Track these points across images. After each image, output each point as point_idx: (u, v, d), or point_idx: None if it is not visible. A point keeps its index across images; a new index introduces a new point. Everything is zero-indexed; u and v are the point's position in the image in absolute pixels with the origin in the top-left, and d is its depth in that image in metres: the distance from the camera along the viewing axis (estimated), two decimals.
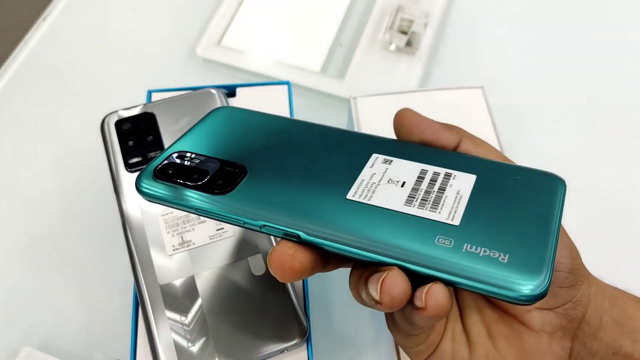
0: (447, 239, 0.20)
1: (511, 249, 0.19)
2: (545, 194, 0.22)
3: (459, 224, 0.20)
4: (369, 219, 0.21)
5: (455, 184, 0.22)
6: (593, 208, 0.43)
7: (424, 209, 0.21)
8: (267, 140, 0.25)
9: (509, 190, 0.22)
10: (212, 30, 0.52)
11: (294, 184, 0.23)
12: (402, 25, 0.51)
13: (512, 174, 0.23)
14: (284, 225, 0.21)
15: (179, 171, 0.24)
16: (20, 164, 0.46)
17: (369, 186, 0.22)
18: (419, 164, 0.23)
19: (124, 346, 0.32)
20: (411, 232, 0.20)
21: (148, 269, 0.31)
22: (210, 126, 0.27)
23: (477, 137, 0.24)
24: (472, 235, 0.20)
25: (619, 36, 0.53)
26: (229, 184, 0.23)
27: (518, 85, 0.50)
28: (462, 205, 0.21)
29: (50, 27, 0.53)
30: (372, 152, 0.24)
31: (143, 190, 0.23)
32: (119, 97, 0.48)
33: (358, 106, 0.39)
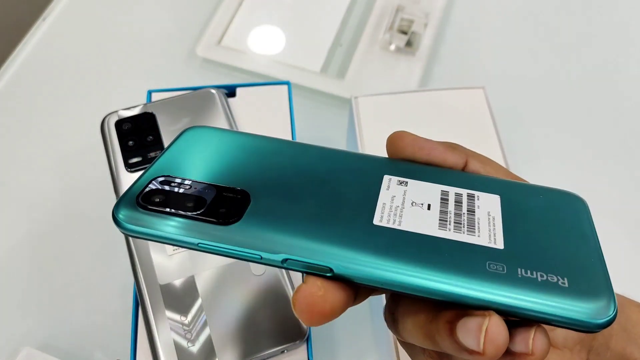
0: (498, 265, 0.18)
1: (566, 272, 0.18)
2: (575, 214, 0.21)
3: (503, 247, 0.18)
4: (409, 246, 0.18)
5: (482, 205, 0.20)
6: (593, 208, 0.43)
7: (460, 232, 0.19)
8: (260, 165, 0.22)
9: (536, 211, 0.21)
10: (212, 30, 0.52)
11: (309, 211, 0.20)
12: (402, 25, 0.51)
13: (532, 193, 0.22)
14: (312, 258, 0.18)
15: (169, 199, 0.20)
16: (20, 164, 0.46)
17: (394, 210, 0.20)
18: (437, 184, 0.21)
19: (124, 346, 0.32)
20: (461, 260, 0.18)
21: (148, 269, 0.31)
22: (187, 148, 0.23)
23: (483, 156, 0.23)
24: (520, 258, 0.18)
25: (620, 36, 0.53)
26: (234, 213, 0.19)
27: (518, 86, 0.50)
28: (499, 226, 0.19)
29: (50, 27, 0.53)
30: (382, 174, 0.22)
31: (124, 224, 0.19)
32: (119, 97, 0.48)
33: (359, 106, 0.39)
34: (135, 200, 0.19)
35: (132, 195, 0.20)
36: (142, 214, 0.19)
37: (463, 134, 0.38)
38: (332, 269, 0.18)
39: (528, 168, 0.45)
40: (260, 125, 0.37)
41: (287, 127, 0.37)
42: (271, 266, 0.19)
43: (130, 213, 0.19)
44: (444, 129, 0.38)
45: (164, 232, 0.19)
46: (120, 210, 0.19)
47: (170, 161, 0.22)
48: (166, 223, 0.19)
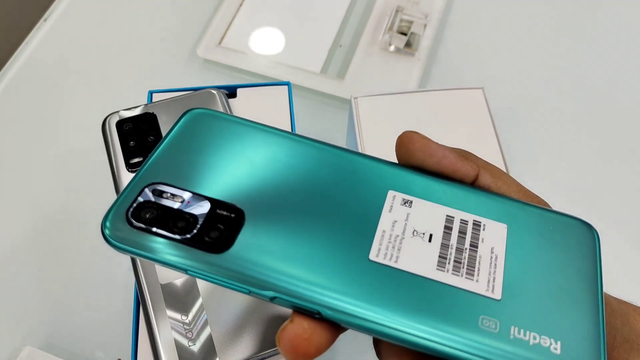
0: (491, 321, 0.17)
1: (560, 335, 0.17)
2: (583, 250, 0.19)
3: (501, 297, 0.18)
4: (402, 292, 0.17)
5: (487, 237, 0.19)
6: (594, 209, 0.44)
7: (459, 274, 0.18)
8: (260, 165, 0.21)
9: (542, 246, 0.19)
10: (212, 31, 0.52)
11: (304, 237, 0.19)
12: (401, 26, 0.51)
13: (542, 221, 0.20)
14: (300, 299, 0.17)
15: (159, 216, 0.19)
16: (21, 164, 0.46)
17: (393, 241, 0.19)
18: (443, 207, 0.20)
19: (125, 345, 0.32)
20: (454, 313, 0.17)
21: (149, 268, 0.31)
22: (185, 139, 0.21)
23: (495, 168, 0.22)
24: (516, 313, 0.17)
25: (620, 36, 0.53)
26: (226, 239, 0.18)
27: (517, 86, 0.50)
28: (500, 269, 0.18)
29: (51, 28, 0.54)
30: (387, 188, 0.21)
31: (113, 242, 0.18)
32: (120, 97, 0.49)
33: (359, 106, 0.39)
34: (125, 215, 0.19)
35: (122, 206, 0.19)
36: (131, 232, 0.18)
37: (462, 134, 0.38)
38: (319, 312, 0.17)
39: (527, 168, 0.45)
40: None
41: (288, 127, 0.37)
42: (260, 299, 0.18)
43: (118, 230, 0.18)
44: (443, 130, 0.38)
45: (153, 255, 0.18)
46: (109, 226, 0.18)
47: (166, 159, 0.21)
48: (155, 245, 0.18)
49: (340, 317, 0.17)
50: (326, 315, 0.17)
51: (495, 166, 0.23)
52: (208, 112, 0.23)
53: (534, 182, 0.44)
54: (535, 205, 0.21)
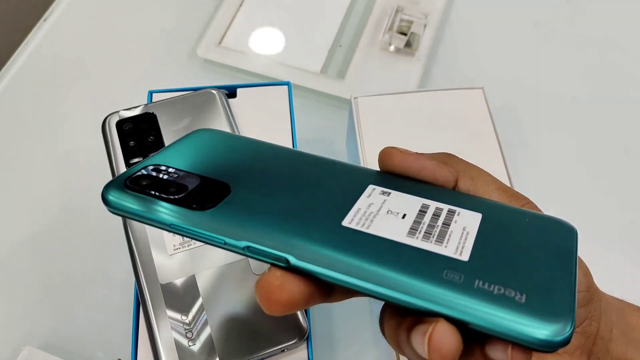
0: (455, 274, 0.17)
1: (527, 289, 0.17)
2: (559, 239, 0.20)
3: (468, 259, 0.18)
4: (369, 248, 0.18)
5: (460, 220, 0.20)
6: (594, 209, 0.44)
7: (428, 241, 0.19)
8: (251, 164, 0.23)
9: (518, 232, 0.20)
10: (212, 31, 0.52)
11: (283, 206, 0.20)
12: (401, 26, 0.51)
13: (519, 217, 0.21)
14: (270, 247, 0.19)
15: (154, 183, 0.21)
16: (21, 164, 0.46)
17: (367, 215, 0.20)
18: (419, 198, 0.21)
19: (125, 345, 0.32)
20: (417, 266, 0.18)
21: (149, 268, 0.31)
22: (190, 145, 0.24)
23: (475, 169, 0.23)
24: (482, 271, 0.18)
25: (620, 37, 0.53)
26: (209, 201, 0.20)
27: (517, 86, 0.50)
28: (470, 241, 0.19)
29: (51, 27, 0.54)
30: (368, 183, 0.22)
31: (110, 200, 0.20)
32: (120, 97, 0.49)
33: (359, 106, 0.39)
34: (124, 182, 0.21)
35: (122, 177, 0.21)
36: (127, 194, 0.20)
37: (462, 134, 0.38)
38: (287, 260, 0.18)
39: (526, 168, 0.45)
40: (260, 125, 0.37)
41: (288, 127, 0.37)
42: (237, 253, 0.19)
43: (117, 192, 0.20)
44: (443, 129, 0.38)
45: (143, 211, 0.20)
46: (110, 189, 0.21)
47: (167, 155, 0.23)
48: (147, 203, 0.20)
49: (307, 265, 0.18)
50: (294, 263, 0.18)
51: (475, 167, 0.23)
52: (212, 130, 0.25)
53: (533, 182, 0.44)
54: (516, 207, 0.22)
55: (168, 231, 0.20)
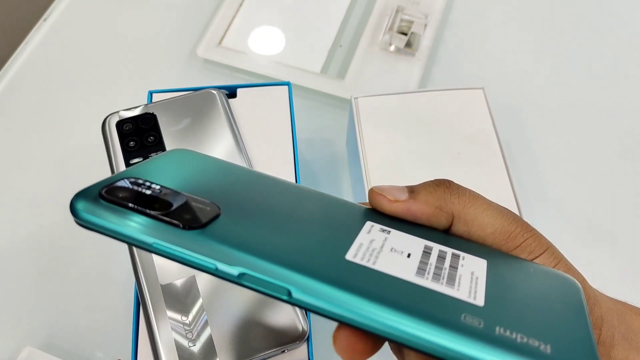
0: (474, 319, 0.16)
1: (550, 339, 0.16)
2: (566, 291, 0.19)
3: (483, 304, 0.17)
4: (379, 285, 0.17)
5: (466, 264, 0.19)
6: (594, 209, 0.44)
7: (438, 283, 0.17)
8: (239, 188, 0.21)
9: (526, 281, 0.19)
10: (212, 31, 0.52)
11: (279, 235, 0.18)
12: (401, 26, 0.51)
13: (523, 267, 0.20)
14: (269, 276, 0.16)
15: (134, 196, 0.18)
16: (21, 164, 0.46)
17: (371, 251, 0.18)
18: (421, 239, 0.20)
19: (125, 346, 0.32)
20: (433, 308, 0.16)
21: (149, 268, 0.31)
22: (170, 163, 0.21)
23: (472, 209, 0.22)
24: (500, 318, 0.16)
25: (620, 36, 0.53)
26: (198, 220, 0.17)
27: (517, 86, 0.50)
28: (481, 286, 0.18)
29: (51, 27, 0.54)
30: (366, 220, 0.20)
31: (79, 210, 0.17)
32: (120, 97, 0.49)
33: (359, 106, 0.39)
34: (99, 192, 0.18)
35: (97, 186, 0.18)
36: (101, 206, 0.17)
37: (462, 134, 0.38)
38: (289, 292, 0.16)
39: (527, 167, 0.45)
40: (260, 125, 0.37)
41: (288, 127, 0.37)
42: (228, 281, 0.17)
43: (89, 203, 0.17)
44: (443, 129, 0.38)
45: (119, 227, 0.17)
46: (80, 199, 0.17)
47: (147, 170, 0.20)
48: (124, 218, 0.17)
49: (310, 301, 0.16)
50: (296, 297, 0.16)
51: (472, 205, 0.22)
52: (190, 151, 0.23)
53: (533, 182, 0.44)
54: (520, 258, 0.21)
55: (148, 251, 0.17)
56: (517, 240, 0.21)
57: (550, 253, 0.22)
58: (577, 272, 0.22)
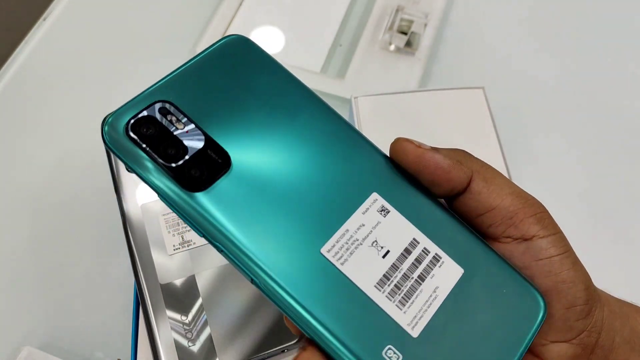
0: (396, 354, 0.18)
1: None
2: (522, 320, 0.20)
3: (418, 336, 0.18)
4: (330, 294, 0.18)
5: (437, 274, 0.19)
6: (593, 210, 0.44)
7: (392, 300, 0.18)
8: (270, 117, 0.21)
9: (485, 304, 0.20)
10: (212, 30, 0.52)
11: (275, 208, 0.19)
12: (401, 26, 0.51)
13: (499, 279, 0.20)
14: (240, 262, 0.18)
15: (155, 136, 0.19)
16: (20, 164, 0.46)
17: (350, 243, 0.19)
18: (414, 228, 0.20)
19: (125, 346, 0.32)
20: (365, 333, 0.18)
21: (149, 268, 0.31)
22: (215, 63, 0.22)
23: (490, 170, 0.22)
24: (421, 355, 0.18)
25: (621, 37, 0.53)
26: (204, 181, 0.19)
27: (518, 86, 0.50)
28: (432, 310, 0.19)
29: (51, 27, 0.54)
30: (373, 189, 0.20)
31: (108, 142, 0.19)
32: (119, 97, 0.48)
33: (359, 106, 0.39)
34: (127, 124, 0.19)
35: (127, 114, 0.19)
36: (126, 140, 0.19)
37: (462, 134, 0.38)
38: (252, 280, 0.18)
39: (527, 168, 0.45)
40: None
41: None
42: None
43: (116, 135, 0.19)
44: (443, 129, 0.38)
45: (136, 167, 0.19)
46: (110, 127, 0.19)
47: (189, 77, 0.21)
48: (141, 161, 0.19)
49: (267, 293, 0.18)
50: (257, 284, 0.18)
51: (490, 168, 0.22)
52: (247, 42, 0.23)
53: (533, 182, 0.44)
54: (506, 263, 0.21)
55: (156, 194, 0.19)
56: (534, 208, 0.21)
57: (562, 239, 0.22)
58: (582, 270, 0.22)
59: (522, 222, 0.21)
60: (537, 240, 0.21)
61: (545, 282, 0.21)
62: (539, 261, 0.21)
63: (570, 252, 0.21)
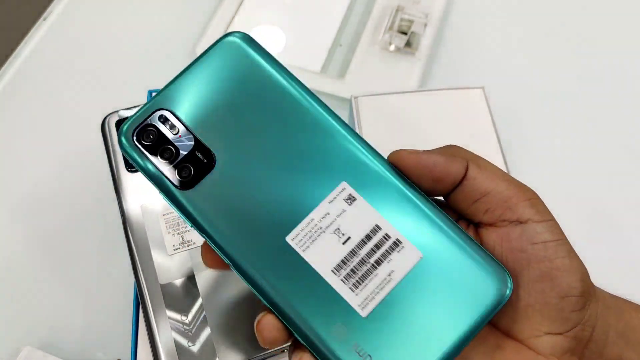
0: (342, 330, 0.20)
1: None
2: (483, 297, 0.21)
3: (367, 316, 0.20)
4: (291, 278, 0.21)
5: (395, 259, 0.21)
6: (593, 210, 0.44)
7: (347, 283, 0.21)
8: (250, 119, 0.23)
9: (443, 284, 0.21)
10: (212, 30, 0.52)
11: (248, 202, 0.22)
12: (401, 26, 0.51)
13: (462, 261, 0.21)
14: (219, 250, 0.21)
15: (156, 141, 0.22)
16: (20, 163, 0.46)
17: (313, 231, 0.21)
18: (378, 216, 0.21)
19: (125, 346, 0.32)
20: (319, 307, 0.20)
21: (149, 268, 0.31)
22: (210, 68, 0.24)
23: (483, 160, 0.23)
24: (368, 335, 0.20)
25: (621, 37, 0.53)
26: (191, 181, 0.22)
27: (518, 86, 0.50)
28: (384, 292, 0.20)
29: (51, 27, 0.54)
30: (343, 179, 0.22)
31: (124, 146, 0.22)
32: (119, 96, 0.48)
33: (359, 105, 0.39)
34: (133, 132, 0.22)
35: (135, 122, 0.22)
36: (134, 146, 0.22)
37: (462, 134, 0.38)
38: (230, 265, 0.21)
39: (527, 168, 0.45)
40: None
41: None
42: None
43: (128, 140, 0.22)
44: (443, 129, 0.38)
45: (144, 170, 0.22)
46: (124, 133, 0.22)
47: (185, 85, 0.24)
48: (145, 163, 0.22)
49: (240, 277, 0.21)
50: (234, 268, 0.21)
51: (482, 158, 0.23)
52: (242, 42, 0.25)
53: (534, 182, 0.44)
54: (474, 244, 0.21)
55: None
56: (528, 194, 0.22)
57: (556, 226, 0.22)
58: (578, 260, 0.22)
59: (517, 206, 0.22)
60: (532, 224, 0.21)
61: (540, 267, 0.21)
62: (534, 245, 0.21)
63: (565, 241, 0.22)
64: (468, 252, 0.21)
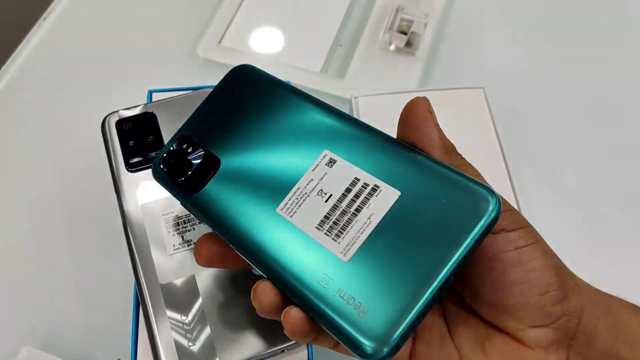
0: (328, 278, 0.21)
1: (376, 303, 0.20)
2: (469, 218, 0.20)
3: (349, 260, 0.21)
4: (282, 239, 0.22)
5: (373, 203, 0.21)
6: (595, 210, 0.44)
7: (330, 235, 0.22)
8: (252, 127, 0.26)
9: (424, 215, 0.21)
10: (212, 30, 0.52)
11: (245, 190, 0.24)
12: (401, 26, 0.51)
13: (441, 190, 0.21)
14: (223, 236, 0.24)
15: (175, 164, 0.26)
16: (21, 163, 0.46)
17: (299, 197, 0.23)
18: (357, 169, 0.22)
19: (125, 345, 0.32)
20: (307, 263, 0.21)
21: (149, 268, 0.31)
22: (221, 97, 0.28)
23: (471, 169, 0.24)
24: (351, 279, 0.20)
25: (621, 37, 0.53)
26: (199, 184, 0.25)
27: (518, 86, 0.50)
28: (364, 235, 0.21)
29: (51, 27, 0.54)
30: (325, 147, 0.24)
31: (156, 175, 0.27)
32: (119, 97, 0.48)
33: (359, 105, 0.39)
34: (160, 161, 0.27)
35: (161, 152, 0.27)
36: (161, 173, 0.27)
37: (463, 134, 0.38)
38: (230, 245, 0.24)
39: (527, 168, 0.45)
40: None
41: None
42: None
43: (157, 169, 0.27)
44: (444, 129, 0.38)
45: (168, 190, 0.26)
46: (155, 165, 0.27)
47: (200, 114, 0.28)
48: (169, 186, 0.26)
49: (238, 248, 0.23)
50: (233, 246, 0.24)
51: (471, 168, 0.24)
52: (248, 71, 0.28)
53: (534, 182, 0.44)
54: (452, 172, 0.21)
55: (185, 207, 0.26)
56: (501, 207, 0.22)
57: (530, 231, 0.22)
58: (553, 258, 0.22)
59: None
60: (504, 233, 0.21)
61: (516, 272, 0.21)
62: (507, 252, 0.21)
63: (540, 243, 0.22)
64: (446, 181, 0.21)
